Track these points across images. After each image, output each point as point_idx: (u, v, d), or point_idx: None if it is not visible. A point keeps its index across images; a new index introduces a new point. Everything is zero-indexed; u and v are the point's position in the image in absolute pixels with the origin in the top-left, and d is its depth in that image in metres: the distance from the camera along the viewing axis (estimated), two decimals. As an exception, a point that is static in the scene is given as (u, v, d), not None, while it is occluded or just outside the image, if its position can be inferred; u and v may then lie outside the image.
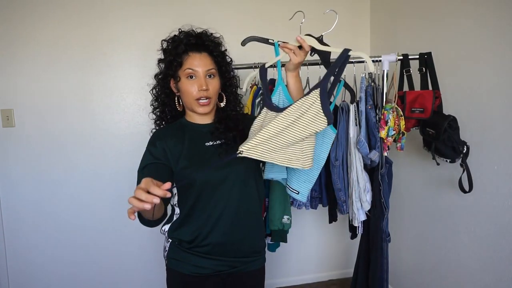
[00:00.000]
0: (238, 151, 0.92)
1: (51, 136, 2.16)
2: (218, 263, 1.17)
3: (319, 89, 0.96)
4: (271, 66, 1.20)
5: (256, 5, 2.32)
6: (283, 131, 0.97)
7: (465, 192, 1.59)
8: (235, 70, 1.28)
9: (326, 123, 0.96)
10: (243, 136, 1.13)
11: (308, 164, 1.01)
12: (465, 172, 1.56)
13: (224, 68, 1.19)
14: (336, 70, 1.03)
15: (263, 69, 1.18)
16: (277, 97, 1.19)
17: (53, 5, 2.08)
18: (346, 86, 1.16)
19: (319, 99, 0.95)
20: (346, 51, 0.99)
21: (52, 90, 2.13)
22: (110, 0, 2.14)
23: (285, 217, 1.86)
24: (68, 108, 2.17)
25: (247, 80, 1.14)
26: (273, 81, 1.98)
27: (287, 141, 0.97)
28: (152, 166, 1.07)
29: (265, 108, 1.10)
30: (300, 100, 0.98)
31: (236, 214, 1.15)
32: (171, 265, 1.21)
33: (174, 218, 1.20)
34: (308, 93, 0.97)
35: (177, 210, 1.19)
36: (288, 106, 0.99)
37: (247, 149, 0.93)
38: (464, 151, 1.55)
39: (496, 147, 1.56)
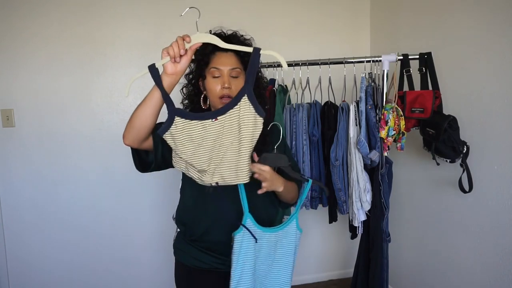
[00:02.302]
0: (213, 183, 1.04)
1: (51, 136, 2.16)
2: (217, 260, 1.18)
3: (246, 95, 1.02)
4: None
5: (255, 2, 2.33)
6: (231, 144, 1.03)
7: (465, 192, 1.59)
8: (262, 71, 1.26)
9: (262, 121, 1.03)
10: (264, 141, 1.13)
11: (245, 178, 1.05)
12: (465, 172, 1.57)
13: None
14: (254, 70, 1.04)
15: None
16: (241, 237, 1.06)
17: (53, 5, 2.08)
18: (316, 182, 1.17)
19: (251, 105, 1.02)
20: (257, 50, 1.02)
21: (52, 90, 2.13)
22: (110, 0, 2.15)
23: (285, 217, 1.86)
24: (68, 108, 2.17)
25: (129, 83, 1.04)
26: (273, 81, 1.98)
27: (235, 152, 1.04)
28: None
29: (179, 118, 1.01)
30: (231, 111, 1.02)
31: (239, 216, 1.15)
32: (176, 254, 1.25)
33: (179, 204, 1.25)
34: (236, 102, 1.02)
35: (180, 197, 1.23)
36: (220, 115, 1.02)
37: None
38: (464, 151, 1.55)
39: (496, 147, 1.56)
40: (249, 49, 1.03)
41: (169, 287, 1.55)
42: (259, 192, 1.06)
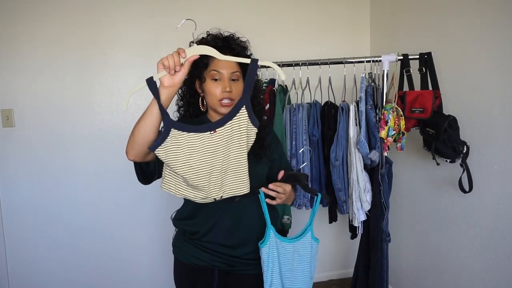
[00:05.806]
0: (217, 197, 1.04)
1: (51, 136, 2.16)
2: (215, 258, 1.18)
3: (244, 106, 1.02)
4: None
5: (255, 2, 2.33)
6: (229, 155, 1.03)
7: (465, 192, 1.59)
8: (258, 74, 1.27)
9: (256, 131, 1.05)
10: (262, 144, 1.15)
11: (245, 187, 1.06)
12: (465, 172, 1.57)
13: None
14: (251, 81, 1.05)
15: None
16: (268, 248, 1.11)
17: (53, 5, 2.08)
18: (325, 196, 1.21)
19: (247, 116, 1.03)
20: (254, 62, 1.01)
21: (52, 90, 2.13)
22: (110, 0, 2.15)
23: (285, 217, 1.86)
24: (68, 108, 2.16)
25: (127, 98, 1.04)
26: (273, 81, 1.98)
27: (234, 164, 1.05)
28: None
29: (176, 130, 0.98)
30: (230, 123, 1.02)
31: (239, 217, 1.17)
32: (174, 252, 1.27)
33: (180, 207, 1.26)
34: (235, 113, 1.02)
35: (183, 201, 1.25)
36: (218, 127, 1.02)
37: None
38: (464, 151, 1.55)
39: (496, 147, 1.56)
40: (247, 61, 1.02)
41: (169, 286, 1.55)
42: (270, 202, 1.10)
